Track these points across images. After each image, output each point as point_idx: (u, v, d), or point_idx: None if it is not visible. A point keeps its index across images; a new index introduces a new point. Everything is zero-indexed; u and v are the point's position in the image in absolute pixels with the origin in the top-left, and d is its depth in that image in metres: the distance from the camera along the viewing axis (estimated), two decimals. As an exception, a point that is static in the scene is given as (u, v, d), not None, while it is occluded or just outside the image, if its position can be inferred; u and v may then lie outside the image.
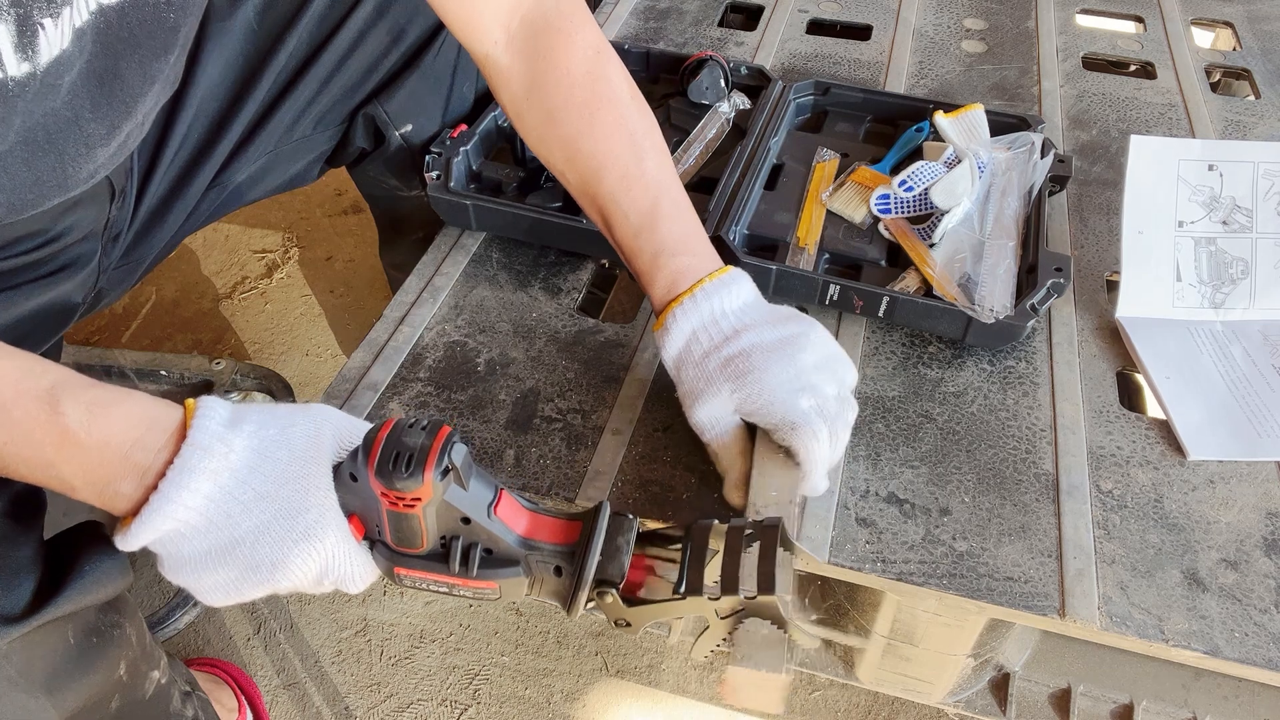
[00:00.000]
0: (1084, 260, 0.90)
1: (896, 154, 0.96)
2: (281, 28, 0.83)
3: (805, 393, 0.62)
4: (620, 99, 0.72)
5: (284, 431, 0.54)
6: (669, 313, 0.67)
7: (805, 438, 0.61)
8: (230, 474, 0.52)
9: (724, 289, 0.66)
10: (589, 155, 0.71)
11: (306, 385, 1.44)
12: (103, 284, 0.79)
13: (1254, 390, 0.77)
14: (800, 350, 0.64)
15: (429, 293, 0.86)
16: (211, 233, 1.71)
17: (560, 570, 0.55)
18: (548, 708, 1.09)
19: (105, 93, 0.60)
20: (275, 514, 0.52)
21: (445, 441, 0.50)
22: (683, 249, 0.69)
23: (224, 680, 1.06)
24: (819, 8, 1.28)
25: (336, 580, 0.55)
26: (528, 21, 0.72)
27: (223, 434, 0.52)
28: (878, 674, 0.81)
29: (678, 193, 0.71)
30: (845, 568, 0.65)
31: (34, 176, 0.59)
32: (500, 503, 0.54)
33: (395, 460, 0.50)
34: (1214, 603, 0.64)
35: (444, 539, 0.54)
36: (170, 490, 0.50)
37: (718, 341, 0.65)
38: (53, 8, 0.51)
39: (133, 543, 0.52)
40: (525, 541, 0.55)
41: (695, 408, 0.66)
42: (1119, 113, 1.09)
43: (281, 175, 0.91)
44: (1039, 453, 0.73)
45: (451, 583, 0.55)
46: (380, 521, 0.54)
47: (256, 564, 0.52)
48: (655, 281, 0.68)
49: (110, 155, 0.64)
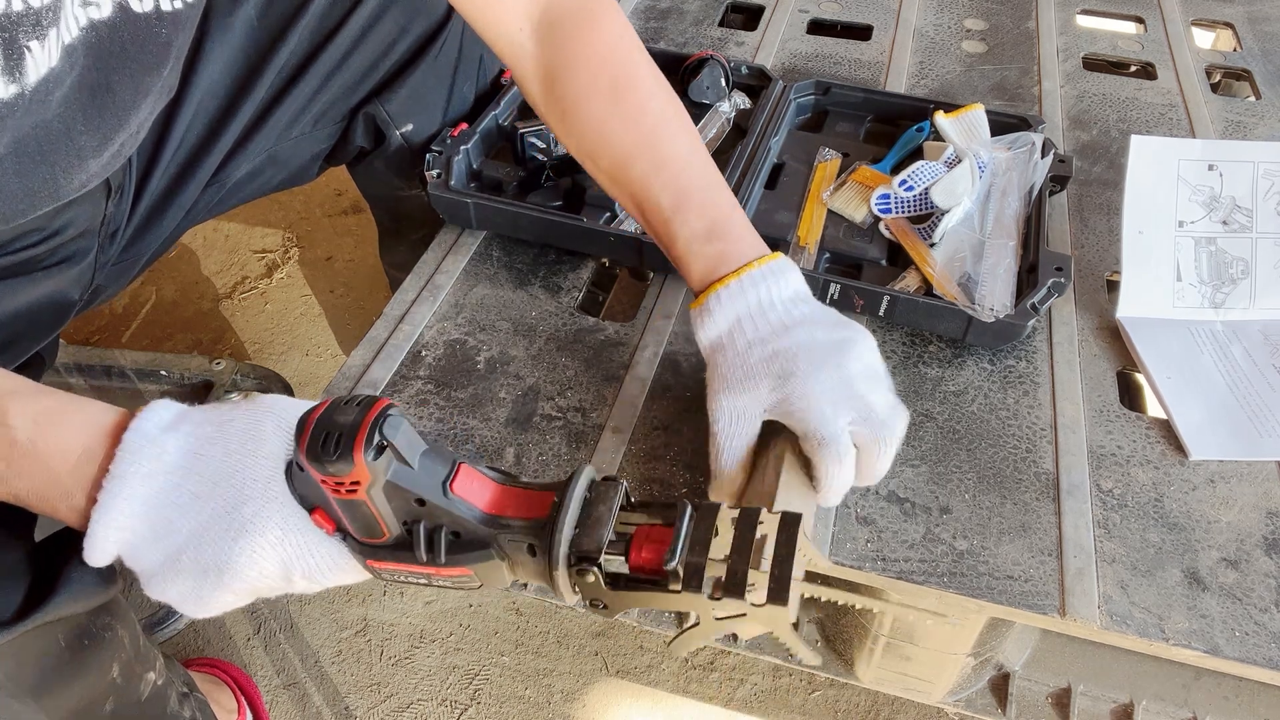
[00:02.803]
0: (1084, 260, 0.90)
1: (897, 154, 0.96)
2: (282, 26, 0.83)
3: (847, 405, 0.59)
4: (647, 82, 0.71)
5: (220, 428, 0.51)
6: (711, 294, 0.63)
7: (829, 458, 0.58)
8: (165, 476, 0.49)
9: (773, 277, 0.63)
10: (617, 139, 0.69)
11: (306, 385, 1.44)
12: (100, 280, 0.78)
13: (1254, 390, 0.76)
14: (849, 358, 0.60)
15: (429, 291, 0.86)
16: (211, 232, 1.71)
17: (534, 549, 0.48)
18: (548, 708, 1.08)
19: (97, 106, 0.60)
20: (213, 513, 0.49)
21: (377, 417, 0.45)
22: (720, 232, 0.66)
23: (223, 680, 1.06)
24: (819, 8, 1.28)
25: (306, 574, 0.50)
26: (553, 7, 0.71)
27: (156, 436, 0.49)
28: (877, 674, 0.81)
29: (712, 174, 0.69)
30: (846, 566, 0.65)
31: (26, 187, 0.59)
32: (458, 477, 0.48)
33: (325, 442, 0.45)
34: (1214, 602, 0.63)
35: (406, 524, 0.49)
36: (106, 499, 0.48)
37: (764, 334, 0.62)
38: (39, 30, 0.51)
39: (93, 557, 0.50)
40: (492, 519, 0.49)
41: (723, 395, 0.62)
42: (1119, 113, 1.09)
43: (281, 173, 0.91)
44: (1039, 452, 0.73)
45: (425, 573, 0.50)
46: (337, 513, 0.49)
47: (204, 568, 0.49)
48: (693, 266, 0.66)
49: (103, 165, 0.64)
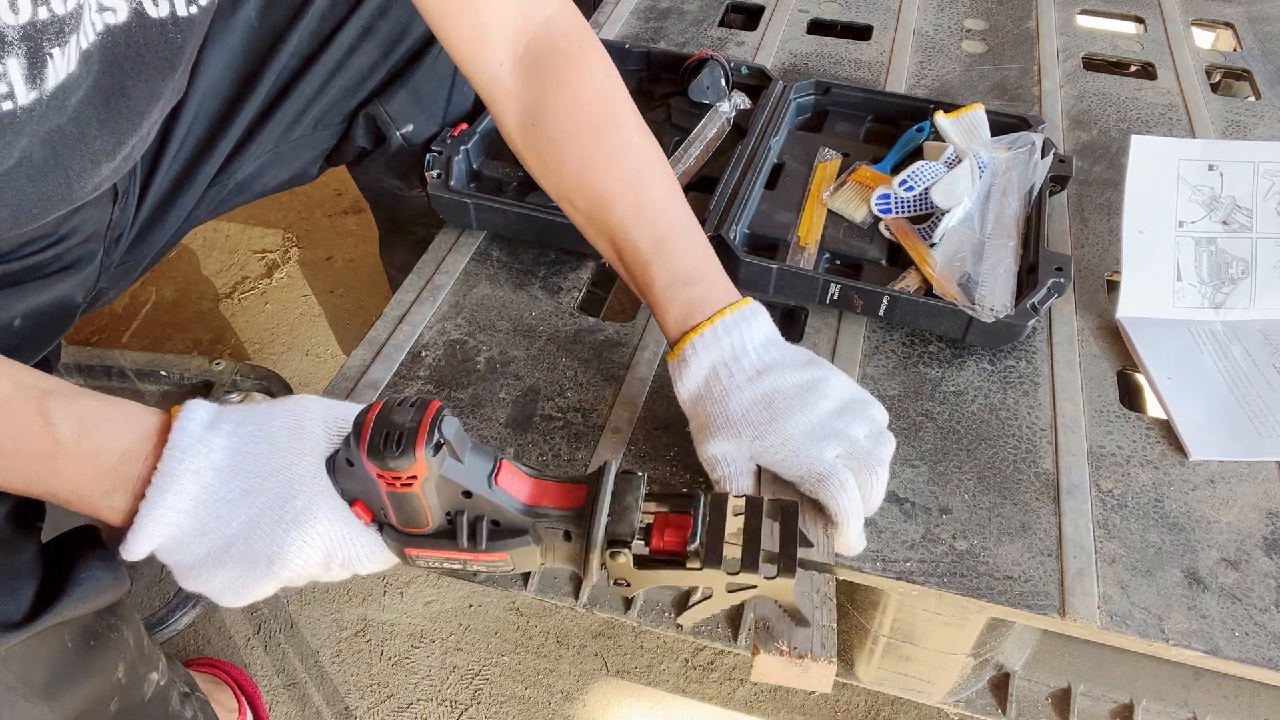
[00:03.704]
0: (1084, 260, 0.90)
1: (897, 154, 0.96)
2: (282, 27, 0.83)
3: (830, 440, 0.60)
4: (629, 125, 0.71)
5: (263, 426, 0.53)
6: (687, 344, 0.64)
7: (833, 488, 0.58)
8: (213, 473, 0.51)
9: (744, 323, 0.64)
10: (599, 182, 0.69)
11: (306, 385, 1.44)
12: (103, 283, 0.79)
13: (1254, 390, 0.77)
14: (821, 397, 0.61)
15: (429, 291, 0.86)
16: (211, 233, 1.71)
17: (569, 535, 0.53)
18: (548, 708, 1.08)
19: (111, 110, 0.60)
20: (264, 506, 0.52)
21: (435, 416, 0.50)
22: (696, 278, 0.66)
23: (224, 681, 1.06)
24: (819, 8, 1.28)
25: (344, 562, 0.54)
26: (535, 44, 0.71)
27: (202, 435, 0.52)
28: (877, 674, 0.81)
29: (689, 220, 0.69)
30: (845, 566, 0.65)
31: (40, 192, 0.59)
32: (500, 472, 0.53)
33: (386, 440, 0.49)
34: (1214, 602, 0.64)
35: (449, 515, 0.53)
36: (156, 496, 0.50)
37: (740, 381, 0.62)
38: (61, 37, 0.52)
39: (133, 553, 0.52)
40: (531, 509, 0.54)
41: (709, 444, 0.63)
42: (1119, 113, 1.09)
43: (282, 174, 0.91)
44: (1039, 452, 0.73)
45: (463, 558, 0.54)
46: (384, 504, 0.53)
47: (254, 559, 0.51)
48: (669, 312, 0.66)
49: (115, 168, 0.64)
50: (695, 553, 0.52)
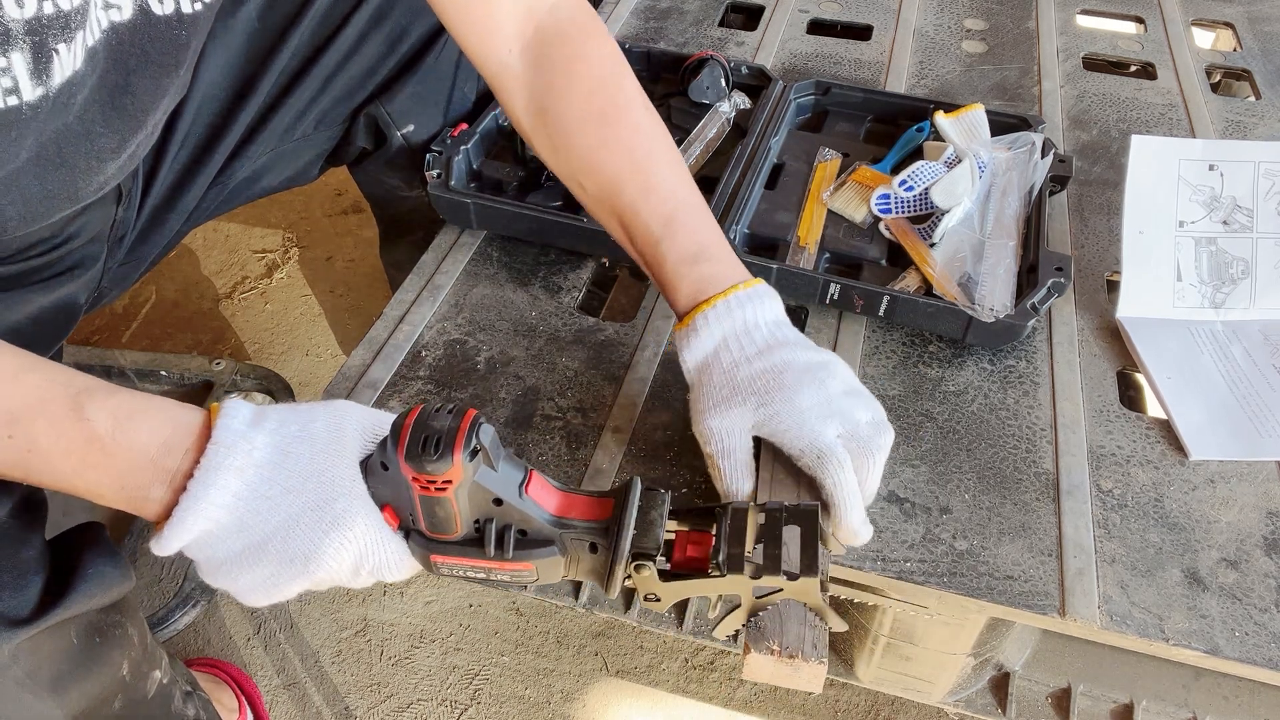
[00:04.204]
0: (1084, 260, 0.90)
1: (897, 154, 0.96)
2: (283, 27, 0.83)
3: (834, 419, 0.60)
4: (637, 108, 0.71)
5: (305, 427, 0.54)
6: (698, 314, 0.64)
7: (832, 467, 0.58)
8: (256, 470, 0.52)
9: (757, 300, 0.64)
10: (608, 165, 0.70)
11: (306, 385, 1.44)
12: (105, 283, 0.79)
13: (1254, 390, 0.77)
14: (830, 377, 0.62)
15: (429, 291, 0.86)
16: (211, 233, 1.71)
17: (595, 547, 0.54)
18: (548, 708, 1.08)
19: (117, 107, 0.60)
20: (304, 506, 0.52)
21: (473, 423, 0.51)
22: (707, 255, 0.67)
23: (224, 680, 1.06)
24: (819, 8, 1.28)
25: (373, 568, 0.54)
26: (543, 30, 0.71)
27: (246, 432, 0.52)
28: (877, 674, 0.81)
29: (698, 201, 0.70)
30: (845, 566, 0.65)
31: (45, 191, 0.59)
32: (531, 482, 0.54)
33: (424, 444, 0.50)
34: (1214, 602, 0.64)
35: (477, 523, 0.54)
36: (199, 490, 0.50)
37: (750, 353, 0.63)
38: (67, 33, 0.52)
39: (168, 546, 0.52)
40: (558, 520, 0.55)
41: (710, 415, 0.63)
42: (1119, 113, 1.09)
43: (282, 174, 0.91)
44: (1039, 452, 0.73)
45: (488, 567, 0.55)
46: (414, 510, 0.54)
47: (290, 557, 0.52)
48: (679, 288, 0.66)
49: (119, 166, 0.64)
50: (720, 563, 0.53)
